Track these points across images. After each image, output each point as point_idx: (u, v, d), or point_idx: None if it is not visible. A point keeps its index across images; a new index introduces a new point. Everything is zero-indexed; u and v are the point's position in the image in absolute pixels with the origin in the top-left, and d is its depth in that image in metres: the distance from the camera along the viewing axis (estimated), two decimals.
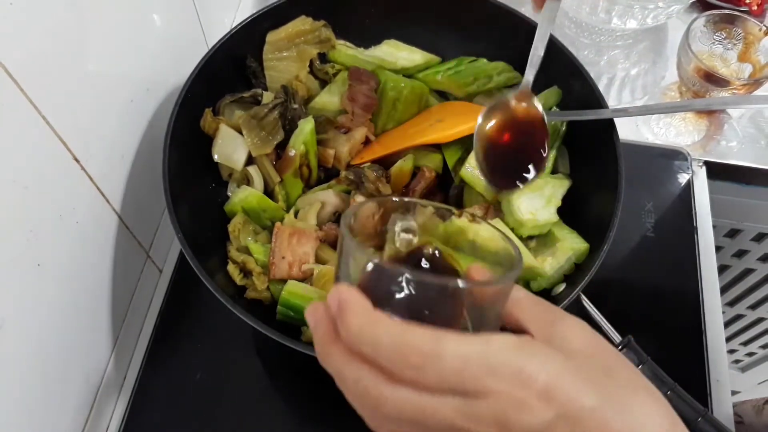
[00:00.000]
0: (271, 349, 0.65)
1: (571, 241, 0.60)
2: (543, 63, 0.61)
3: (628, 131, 0.81)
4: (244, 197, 0.63)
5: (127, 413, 0.61)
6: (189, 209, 0.58)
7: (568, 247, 0.60)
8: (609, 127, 0.61)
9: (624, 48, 0.89)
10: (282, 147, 0.65)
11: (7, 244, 0.45)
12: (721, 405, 0.63)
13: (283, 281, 0.59)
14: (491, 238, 0.36)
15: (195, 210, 0.60)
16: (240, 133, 0.64)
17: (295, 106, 0.66)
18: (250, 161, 0.66)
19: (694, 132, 0.82)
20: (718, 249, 0.97)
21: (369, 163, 0.66)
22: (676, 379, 0.52)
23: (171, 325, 0.66)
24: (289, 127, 0.66)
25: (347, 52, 0.72)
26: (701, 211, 0.75)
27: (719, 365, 0.65)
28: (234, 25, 0.67)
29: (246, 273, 0.61)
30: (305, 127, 0.64)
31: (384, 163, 0.67)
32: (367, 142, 0.69)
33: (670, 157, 0.79)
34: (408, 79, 0.70)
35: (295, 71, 0.70)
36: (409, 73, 0.72)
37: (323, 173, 0.69)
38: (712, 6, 0.88)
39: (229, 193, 0.67)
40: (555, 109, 0.67)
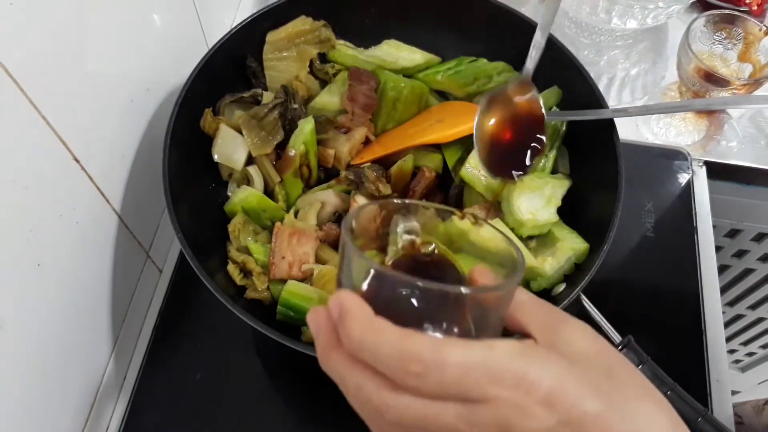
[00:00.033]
0: (271, 349, 0.65)
1: (571, 241, 0.60)
2: (543, 63, 0.61)
3: (628, 131, 0.81)
4: (244, 197, 0.63)
5: (127, 413, 0.61)
6: (189, 209, 0.58)
7: (568, 247, 0.60)
8: (609, 127, 0.61)
9: (624, 48, 0.89)
10: (282, 147, 0.65)
11: (7, 244, 0.45)
12: (721, 405, 0.63)
13: (283, 281, 0.59)
14: (493, 239, 0.36)
15: (195, 210, 0.60)
16: (240, 133, 0.64)
17: (295, 106, 0.66)
18: (250, 161, 0.66)
19: (694, 132, 0.82)
20: (718, 249, 0.97)
21: (369, 163, 0.66)
22: (676, 379, 0.52)
23: (171, 325, 0.66)
24: (289, 127, 0.66)
25: (347, 52, 0.72)
26: (701, 211, 0.75)
27: (719, 365, 0.65)
28: (234, 25, 0.67)
29: (246, 273, 0.61)
30: (305, 127, 0.64)
31: (384, 163, 0.67)
32: (367, 142, 0.69)
33: (670, 157, 0.79)
34: (408, 79, 0.70)
35: (295, 71, 0.70)
36: (409, 73, 0.72)
37: (323, 173, 0.69)
38: (712, 6, 0.88)
39: (229, 193, 0.67)
40: (555, 109, 0.67)
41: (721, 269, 1.08)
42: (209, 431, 0.61)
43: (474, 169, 0.64)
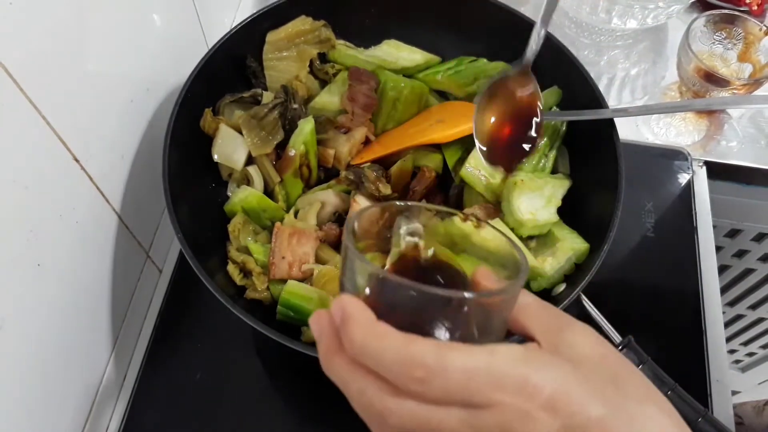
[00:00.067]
0: (271, 349, 0.65)
1: (572, 241, 0.60)
2: (543, 63, 0.61)
3: (628, 131, 0.81)
4: (244, 197, 0.63)
5: (127, 413, 0.61)
6: (189, 209, 0.58)
7: (568, 247, 0.59)
8: (609, 127, 0.61)
9: (624, 48, 0.89)
10: (282, 147, 0.65)
11: (7, 244, 0.45)
12: (722, 405, 0.63)
13: (283, 281, 0.59)
14: (495, 240, 0.36)
15: (195, 210, 0.60)
16: (240, 133, 0.64)
17: (295, 106, 0.66)
18: (250, 161, 0.66)
19: (694, 132, 0.82)
20: (718, 249, 0.97)
21: (369, 163, 0.66)
22: (676, 379, 0.52)
23: (171, 325, 0.66)
24: (289, 127, 0.66)
25: (347, 52, 0.72)
26: (701, 211, 0.75)
27: (719, 365, 0.65)
28: (234, 25, 0.67)
29: (246, 273, 0.61)
30: (305, 127, 0.64)
31: (384, 163, 0.67)
32: (367, 142, 0.69)
33: (670, 157, 0.79)
34: (408, 79, 0.70)
35: (295, 71, 0.70)
36: (409, 73, 0.72)
37: (323, 173, 0.69)
38: (712, 6, 0.88)
39: (229, 193, 0.67)
40: (555, 109, 0.67)
41: (722, 269, 1.08)
42: (209, 431, 0.61)
43: (474, 169, 0.64)
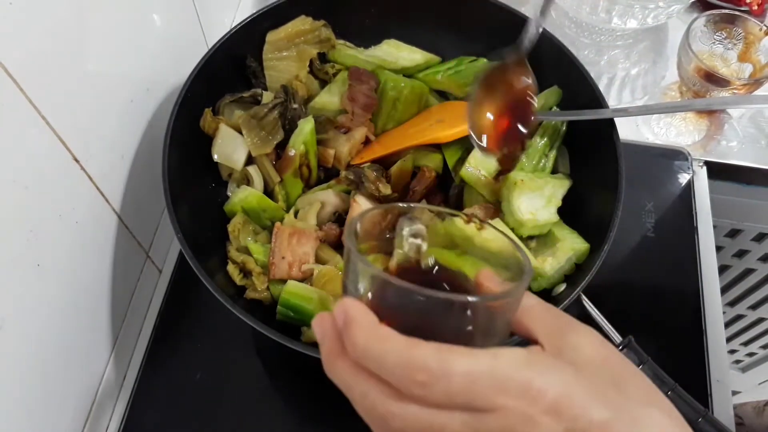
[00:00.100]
0: (271, 349, 0.65)
1: (572, 241, 0.60)
2: (543, 63, 0.61)
3: (628, 131, 0.81)
4: (244, 197, 0.63)
5: (127, 413, 0.61)
6: (189, 209, 0.58)
7: (568, 247, 0.59)
8: (609, 127, 0.61)
9: (624, 48, 0.89)
10: (282, 147, 0.65)
11: (7, 244, 0.45)
12: (722, 405, 0.63)
13: (283, 281, 0.59)
14: (498, 241, 0.36)
15: (195, 210, 0.60)
16: (240, 133, 0.64)
17: (295, 105, 0.66)
18: (249, 161, 0.66)
19: (694, 132, 0.82)
20: (718, 249, 0.97)
21: (369, 163, 0.66)
22: (676, 380, 0.52)
23: (171, 325, 0.66)
24: (289, 127, 0.66)
25: (347, 52, 0.72)
26: (702, 211, 0.75)
27: (720, 365, 0.65)
28: (234, 25, 0.67)
29: (246, 273, 0.61)
30: (305, 127, 0.64)
31: (384, 163, 0.67)
32: (367, 142, 0.69)
33: (670, 157, 0.79)
34: (408, 79, 0.70)
35: (295, 71, 0.70)
36: (409, 73, 0.72)
37: (323, 173, 0.69)
38: (712, 6, 0.88)
39: (229, 193, 0.67)
40: (555, 109, 0.67)
41: (722, 269, 1.08)
42: (209, 431, 0.61)
43: (474, 169, 0.64)
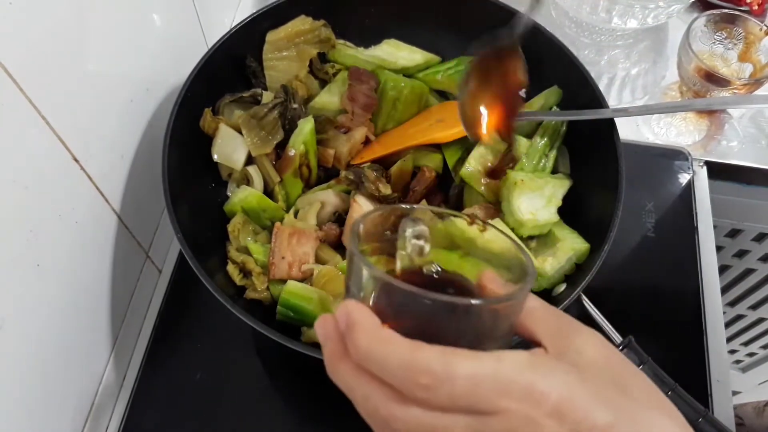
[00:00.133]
0: (271, 349, 0.65)
1: (572, 241, 0.60)
2: (543, 63, 0.61)
3: (628, 131, 0.81)
4: (243, 197, 0.63)
5: (127, 413, 0.61)
6: (189, 209, 0.58)
7: (568, 247, 0.59)
8: (609, 127, 0.61)
9: (624, 48, 0.89)
10: (282, 147, 0.65)
11: (7, 244, 0.45)
12: (722, 405, 0.63)
13: (283, 281, 0.59)
14: (500, 243, 0.36)
15: (195, 210, 0.60)
16: (240, 133, 0.64)
17: (295, 105, 0.66)
18: (249, 161, 0.66)
19: (694, 132, 0.82)
20: (718, 249, 0.97)
21: (369, 163, 0.66)
22: (676, 380, 0.52)
23: (170, 325, 0.66)
24: (289, 127, 0.66)
25: (347, 52, 0.72)
26: (702, 211, 0.75)
27: (720, 365, 0.65)
28: (234, 25, 0.67)
29: (246, 273, 0.61)
30: (305, 127, 0.64)
31: (384, 163, 0.67)
32: (367, 142, 0.69)
33: (670, 157, 0.79)
34: (408, 79, 0.70)
35: (295, 71, 0.70)
36: (409, 73, 0.72)
37: (323, 173, 0.69)
38: (712, 5, 0.88)
39: (229, 193, 0.67)
40: (555, 109, 0.67)
41: (722, 269, 1.08)
42: (209, 431, 0.61)
43: (474, 169, 0.64)
